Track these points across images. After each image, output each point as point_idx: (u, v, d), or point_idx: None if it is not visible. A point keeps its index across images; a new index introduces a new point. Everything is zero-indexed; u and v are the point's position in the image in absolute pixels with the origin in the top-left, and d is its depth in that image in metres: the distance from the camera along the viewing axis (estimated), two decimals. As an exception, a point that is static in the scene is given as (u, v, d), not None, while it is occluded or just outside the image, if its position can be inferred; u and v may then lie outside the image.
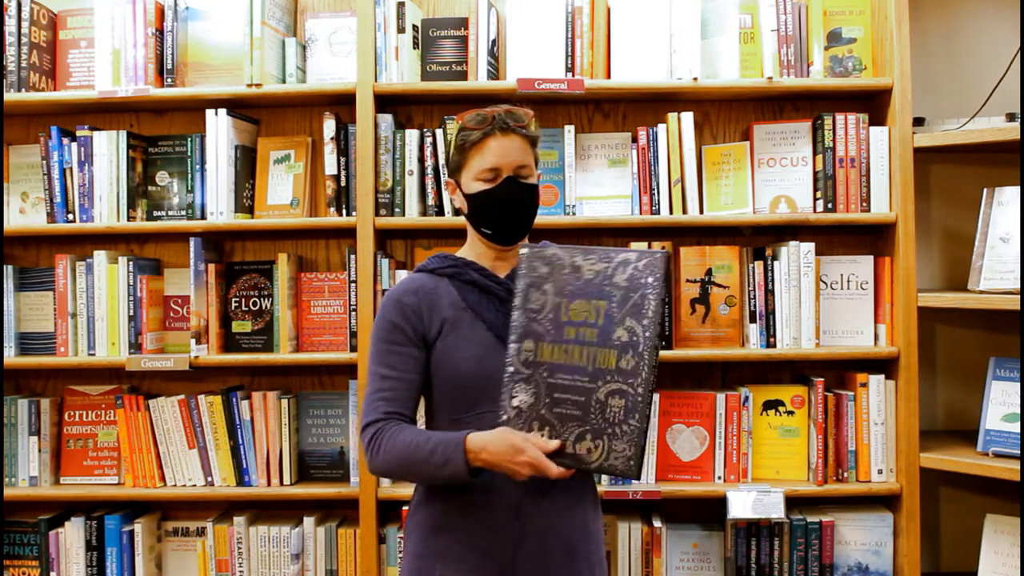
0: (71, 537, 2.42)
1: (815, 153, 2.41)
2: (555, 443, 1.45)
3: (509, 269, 1.67)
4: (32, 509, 2.49)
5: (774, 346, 2.34)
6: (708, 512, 2.47)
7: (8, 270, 2.46)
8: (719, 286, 2.37)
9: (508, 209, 1.61)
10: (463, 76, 2.43)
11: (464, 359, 1.59)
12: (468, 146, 1.61)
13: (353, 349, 2.35)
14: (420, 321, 1.61)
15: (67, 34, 2.53)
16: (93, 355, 2.41)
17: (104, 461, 2.48)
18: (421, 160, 2.38)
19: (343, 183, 2.40)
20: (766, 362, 2.48)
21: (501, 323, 1.60)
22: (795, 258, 2.32)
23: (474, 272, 1.65)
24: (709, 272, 2.37)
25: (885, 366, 2.36)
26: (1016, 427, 2.19)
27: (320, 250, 2.58)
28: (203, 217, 2.43)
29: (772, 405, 2.39)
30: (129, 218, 2.43)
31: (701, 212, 2.38)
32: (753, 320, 2.34)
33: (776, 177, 2.43)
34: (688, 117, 2.35)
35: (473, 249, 1.70)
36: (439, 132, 2.37)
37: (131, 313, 2.40)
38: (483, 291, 1.64)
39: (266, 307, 2.47)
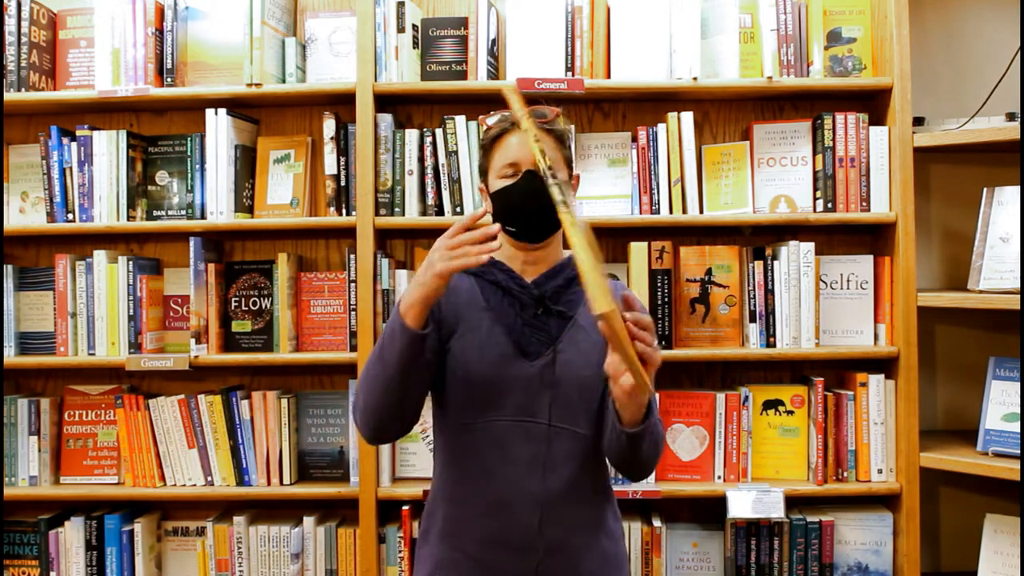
0: (71, 537, 2.41)
1: (815, 153, 2.41)
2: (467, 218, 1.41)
3: (538, 274, 1.59)
4: (32, 509, 2.49)
5: (774, 346, 2.34)
6: (708, 512, 2.47)
7: (8, 270, 2.46)
8: (719, 286, 2.37)
9: (528, 203, 1.52)
10: (463, 76, 2.42)
11: (477, 361, 1.53)
12: (489, 145, 1.58)
13: (353, 349, 2.34)
14: (438, 308, 1.54)
15: (67, 34, 2.53)
16: (93, 355, 2.41)
17: (104, 461, 2.48)
18: (421, 160, 2.38)
19: (343, 183, 2.40)
20: (766, 362, 2.48)
21: (520, 330, 1.54)
22: (795, 258, 2.32)
23: (500, 272, 1.58)
24: (709, 272, 2.37)
25: (885, 366, 2.36)
26: (1016, 427, 2.19)
27: (320, 250, 2.58)
28: (203, 217, 2.43)
29: (772, 405, 2.39)
30: (129, 218, 2.43)
31: (701, 212, 2.38)
32: (753, 320, 2.34)
33: (776, 177, 2.43)
34: (688, 117, 2.35)
35: (504, 251, 1.62)
36: (439, 132, 2.37)
37: (131, 313, 2.40)
38: (506, 293, 1.57)
39: (266, 307, 2.47)
